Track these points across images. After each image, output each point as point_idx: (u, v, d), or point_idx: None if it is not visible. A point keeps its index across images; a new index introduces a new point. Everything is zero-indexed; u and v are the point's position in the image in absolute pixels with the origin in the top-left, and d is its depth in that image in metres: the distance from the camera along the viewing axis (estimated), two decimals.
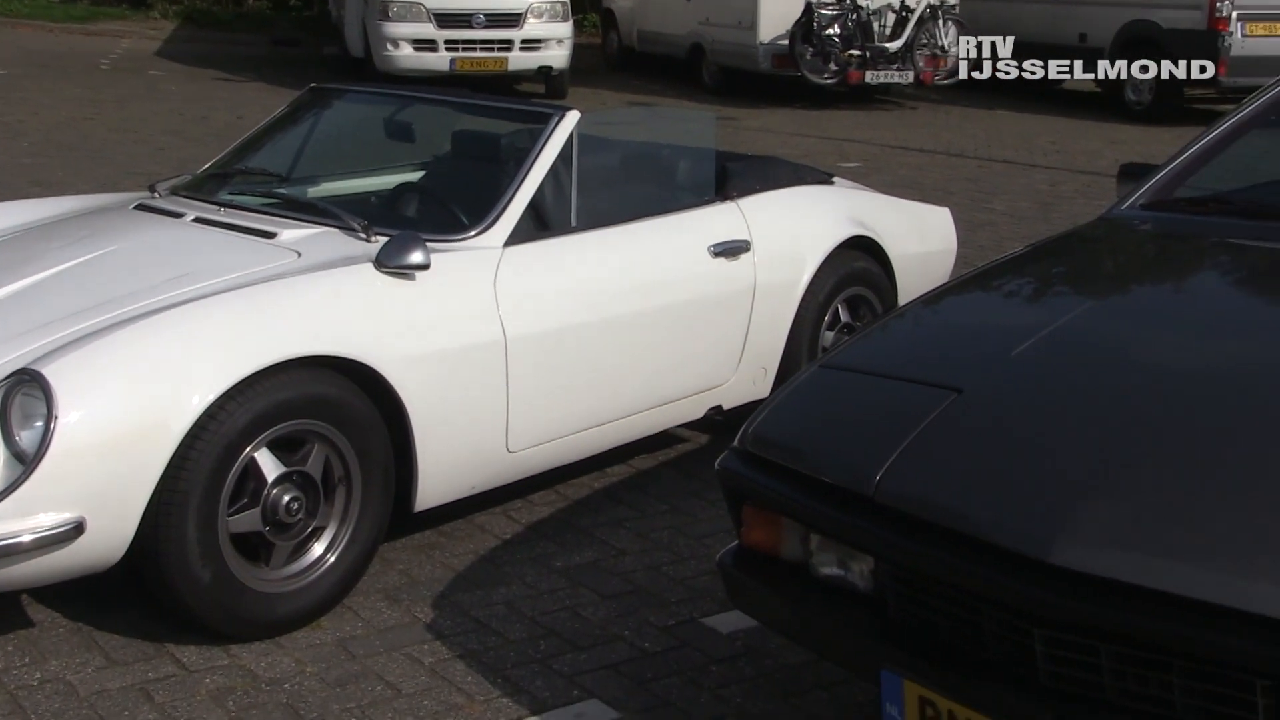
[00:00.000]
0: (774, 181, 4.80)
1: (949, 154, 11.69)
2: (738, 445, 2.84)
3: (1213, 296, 3.32)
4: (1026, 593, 2.20)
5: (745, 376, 4.55)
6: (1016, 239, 7.64)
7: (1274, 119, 4.21)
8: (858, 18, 14.03)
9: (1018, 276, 3.50)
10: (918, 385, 2.78)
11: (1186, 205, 3.78)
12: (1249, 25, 13.21)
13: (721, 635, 3.45)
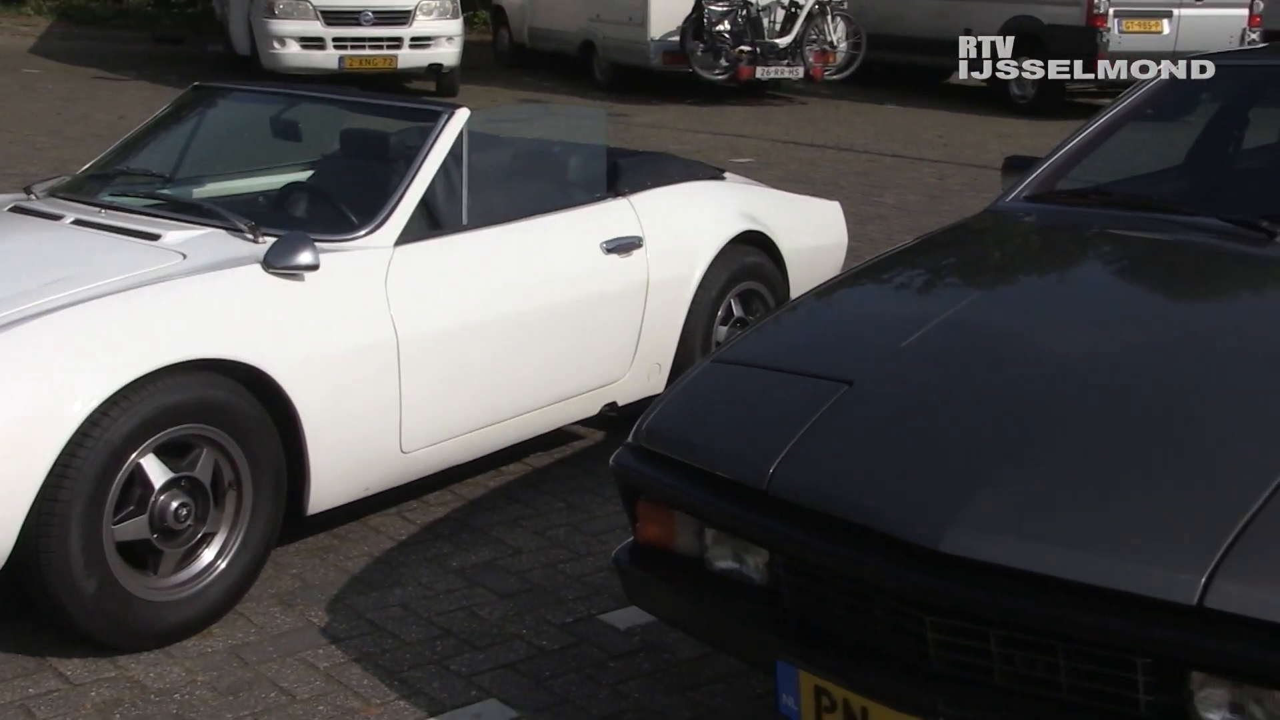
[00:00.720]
0: (665, 177, 4.81)
1: (839, 148, 11.81)
2: (632, 441, 2.84)
3: (1095, 286, 3.39)
4: (917, 581, 2.23)
5: (639, 372, 4.56)
6: (906, 232, 7.73)
7: (1149, 113, 4.32)
8: (748, 14, 14.12)
9: (906, 269, 3.54)
10: (809, 378, 2.81)
11: (1068, 197, 3.87)
12: (1125, 21, 13.54)
13: (619, 631, 3.45)
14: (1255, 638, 2.00)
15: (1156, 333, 2.97)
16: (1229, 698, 2.05)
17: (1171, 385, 2.64)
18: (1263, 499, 2.17)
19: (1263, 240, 3.28)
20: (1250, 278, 3.33)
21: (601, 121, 5.28)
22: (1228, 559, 2.08)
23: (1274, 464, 2.24)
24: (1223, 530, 2.12)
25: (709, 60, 14.20)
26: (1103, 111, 4.18)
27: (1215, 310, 3.21)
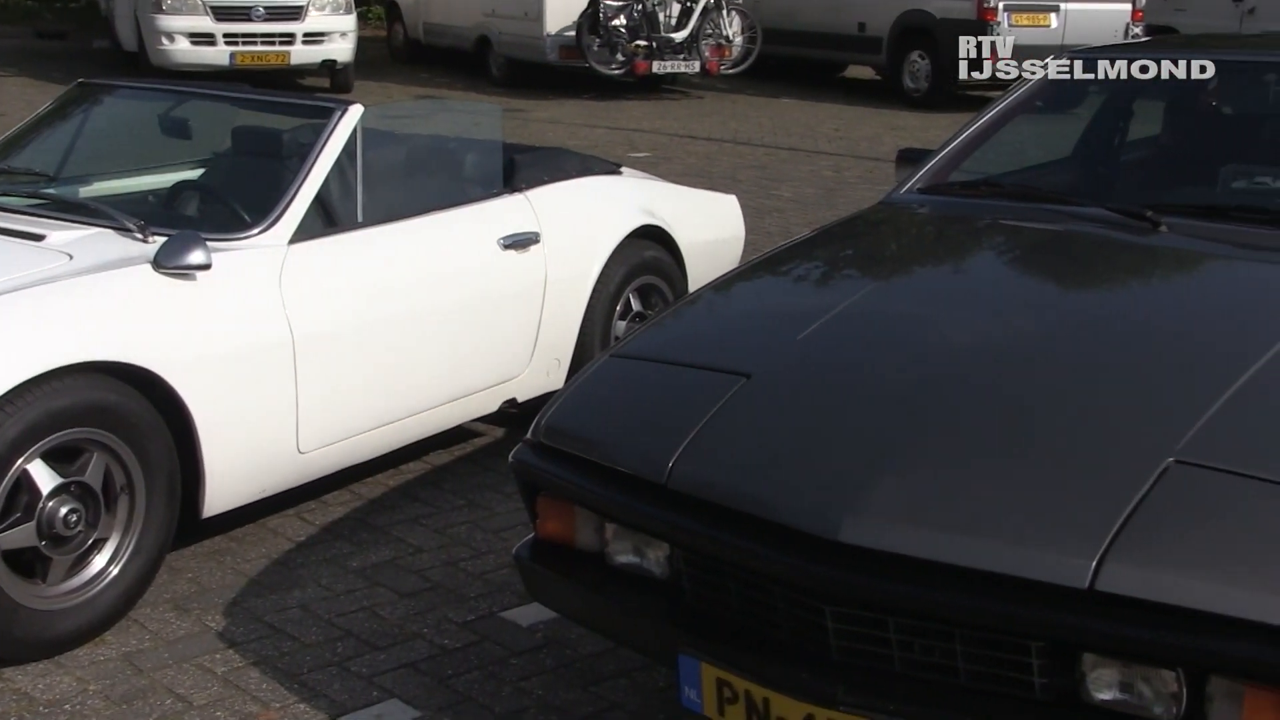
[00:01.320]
0: (562, 173, 4.80)
1: (736, 142, 11.87)
2: (531, 437, 2.83)
3: (988, 276, 3.45)
4: (817, 572, 2.25)
5: (539, 368, 4.55)
6: (803, 224, 7.80)
7: (1038, 105, 4.40)
8: (643, 9, 14.12)
9: (803, 261, 3.57)
10: (707, 372, 2.82)
11: (961, 189, 3.92)
12: (1015, 15, 13.75)
13: (521, 628, 3.44)
14: (1144, 619, 2.04)
15: (1048, 321, 3.02)
16: (1119, 677, 2.10)
17: (1063, 372, 2.69)
18: (1151, 482, 2.22)
19: (1147, 230, 3.36)
20: (1137, 266, 3.40)
21: (497, 117, 5.26)
22: (1118, 542, 2.12)
23: (1162, 447, 2.29)
24: (1113, 514, 2.17)
25: (605, 55, 14.19)
26: (993, 104, 4.24)
27: (1104, 298, 3.28)
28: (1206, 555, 2.09)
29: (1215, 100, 4.48)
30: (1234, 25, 13.82)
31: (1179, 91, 4.55)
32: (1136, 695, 2.09)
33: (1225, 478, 2.24)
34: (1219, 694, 2.02)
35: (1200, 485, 2.23)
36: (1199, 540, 2.12)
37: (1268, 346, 2.61)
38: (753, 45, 14.92)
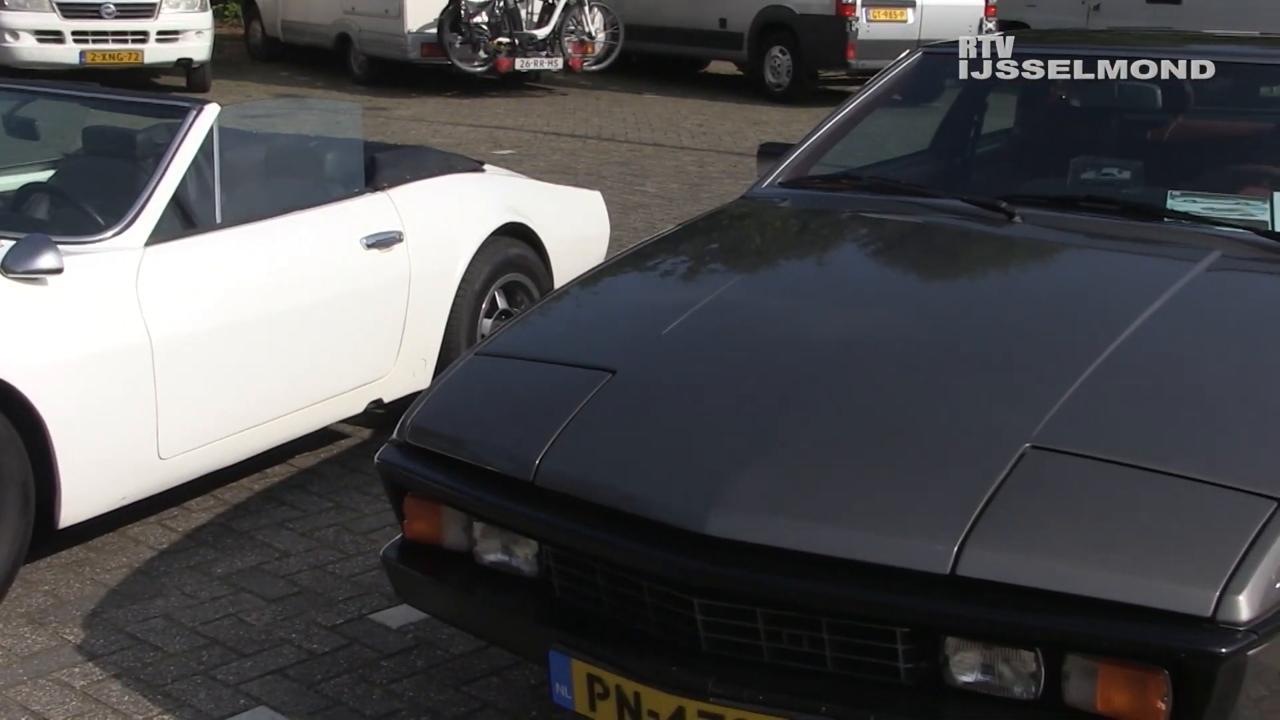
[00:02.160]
0: (424, 171, 4.76)
1: (600, 138, 11.88)
2: (397, 438, 2.81)
3: (849, 268, 3.50)
4: (684, 565, 2.26)
5: (405, 368, 4.50)
6: (668, 220, 7.82)
7: (896, 99, 4.47)
8: (505, 5, 14.05)
9: (667, 256, 3.59)
10: (573, 368, 2.82)
11: (821, 182, 3.97)
12: (873, 11, 13.94)
13: (391, 630, 3.41)
14: (1003, 602, 2.10)
15: (908, 311, 3.08)
16: (981, 659, 2.15)
17: (923, 361, 2.74)
18: (1008, 468, 2.28)
19: (1002, 221, 3.43)
20: (993, 256, 3.48)
21: (357, 115, 5.20)
22: (977, 528, 2.17)
23: (1019, 433, 2.35)
24: (972, 501, 2.22)
25: (468, 52, 14.10)
26: (852, 98, 4.30)
27: (962, 288, 3.35)
28: (1062, 538, 2.15)
29: (1065, 94, 4.60)
30: (1081, 21, 14.18)
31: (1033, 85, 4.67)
32: (997, 676, 2.14)
33: (1079, 461, 2.30)
34: (1075, 671, 2.08)
35: (1055, 470, 2.29)
36: (1054, 523, 2.18)
37: (1118, 332, 2.69)
38: (615, 42, 14.95)
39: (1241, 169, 3.80)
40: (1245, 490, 2.18)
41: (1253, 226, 3.26)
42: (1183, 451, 2.34)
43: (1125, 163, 3.86)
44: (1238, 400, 2.55)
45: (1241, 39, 5.03)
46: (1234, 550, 2.06)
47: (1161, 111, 4.26)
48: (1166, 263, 3.18)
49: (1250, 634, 1.98)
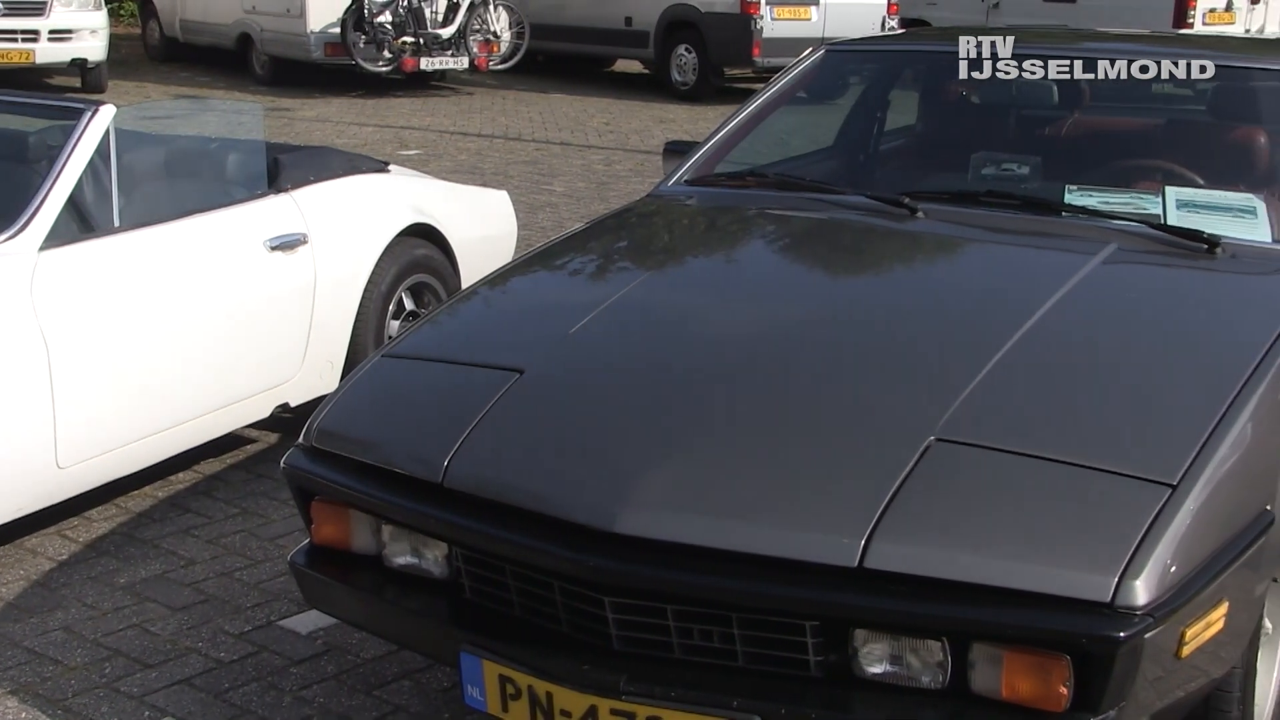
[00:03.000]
0: (328, 172, 4.71)
1: (507, 138, 11.84)
2: (303, 442, 2.78)
3: (756, 265, 3.51)
4: (594, 564, 2.26)
5: (311, 371, 4.46)
6: (576, 219, 7.82)
7: (799, 97, 4.50)
8: (409, 5, 13.95)
9: (574, 255, 3.58)
10: (481, 369, 2.81)
11: (727, 180, 3.99)
12: (777, 9, 14.04)
13: (301, 636, 3.37)
14: (910, 593, 2.12)
15: (814, 307, 3.11)
16: (889, 650, 2.17)
17: (829, 356, 2.77)
18: (913, 461, 2.30)
19: (905, 216, 3.47)
20: (897, 251, 3.51)
21: (259, 116, 5.14)
22: (884, 521, 2.19)
23: (924, 426, 2.38)
24: (878, 494, 2.24)
25: (372, 52, 13.97)
26: (756, 96, 4.32)
27: (867, 283, 3.38)
28: (966, 529, 2.18)
29: (966, 90, 4.67)
30: (981, 19, 14.38)
31: (933, 82, 4.73)
32: (906, 666, 2.17)
33: (982, 453, 2.33)
34: (981, 659, 2.11)
35: (959, 462, 2.32)
36: (959, 515, 2.21)
37: (1019, 325, 2.74)
38: (521, 41, 14.90)
39: (1135, 164, 3.88)
40: (1141, 478, 2.23)
41: (1146, 220, 3.33)
42: (1082, 441, 2.38)
43: (1024, 158, 3.92)
44: (1134, 389, 2.61)
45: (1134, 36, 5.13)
46: (1131, 537, 2.10)
47: (1058, 108, 4.34)
48: (1065, 256, 3.23)
49: (1147, 618, 2.03)
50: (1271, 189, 3.54)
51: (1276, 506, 2.44)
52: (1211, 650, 2.24)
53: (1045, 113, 4.39)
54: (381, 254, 4.68)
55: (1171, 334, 2.91)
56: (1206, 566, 2.18)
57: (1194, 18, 13.45)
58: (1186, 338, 2.89)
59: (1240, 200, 3.45)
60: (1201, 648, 2.19)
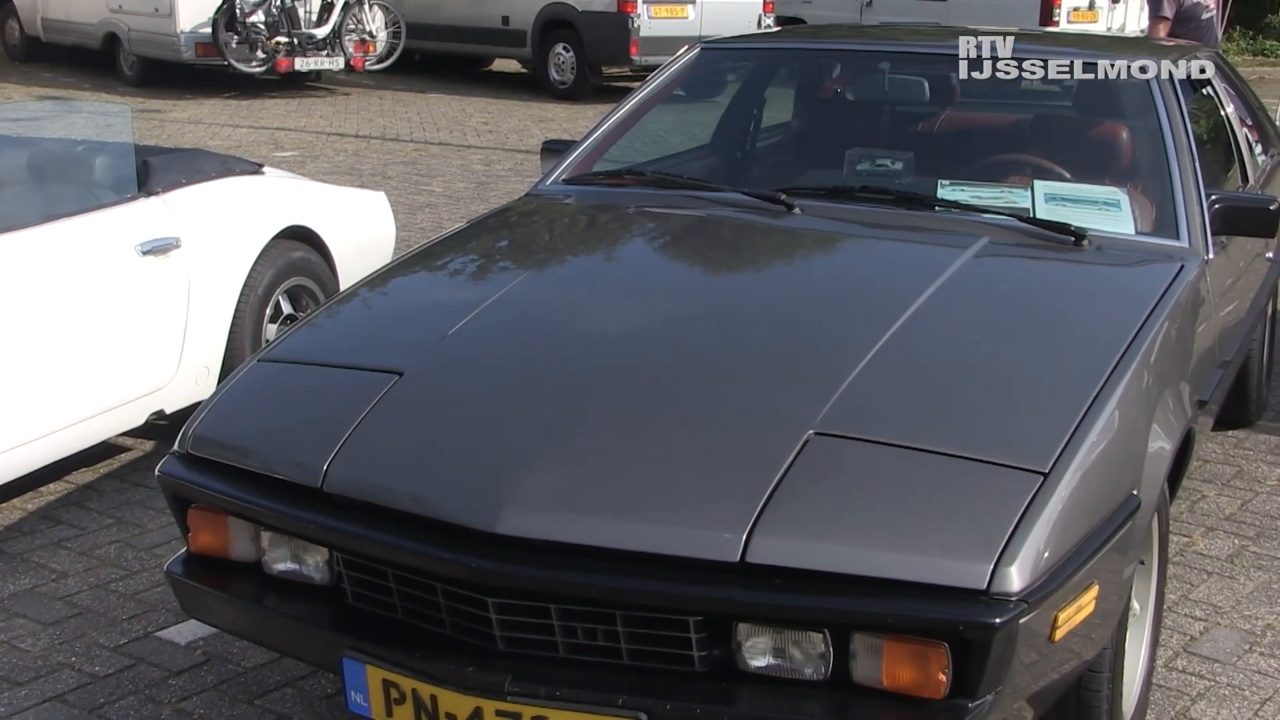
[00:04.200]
0: (200, 174, 4.62)
1: (385, 138, 11.73)
2: (178, 449, 2.73)
3: (635, 263, 3.52)
4: (477, 565, 2.24)
5: (187, 377, 4.37)
6: (455, 219, 7.78)
7: (677, 95, 4.53)
8: (282, 4, 13.75)
9: (453, 255, 3.57)
10: (359, 371, 2.78)
11: (605, 178, 4.00)
12: (654, 8, 14.10)
13: (180, 647, 3.31)
14: (792, 587, 2.14)
15: (693, 304, 3.12)
16: (772, 644, 2.19)
17: (709, 353, 2.78)
18: (793, 455, 2.32)
19: (782, 212, 3.51)
20: (774, 248, 3.55)
21: (128, 118, 5.01)
22: (764, 515, 2.21)
23: (802, 421, 2.40)
24: (759, 489, 2.26)
25: (245, 52, 13.75)
26: (632, 95, 4.33)
27: (745, 279, 3.41)
28: (845, 521, 2.21)
29: (840, 88, 4.73)
30: (855, 16, 14.58)
31: (808, 79, 4.79)
32: (788, 659, 2.19)
33: (860, 446, 2.37)
34: (862, 650, 2.14)
35: (838, 455, 2.35)
36: (838, 507, 2.24)
37: (894, 319, 2.78)
38: (397, 40, 14.78)
39: (1005, 159, 3.96)
40: (1014, 466, 2.27)
41: (1016, 213, 3.41)
42: (956, 431, 2.42)
43: (898, 154, 3.99)
44: (1006, 380, 2.67)
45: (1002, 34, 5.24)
46: (1005, 525, 2.15)
47: (930, 104, 4.42)
48: (938, 250, 3.29)
49: (1021, 603, 2.07)
50: (1134, 182, 3.65)
51: (1142, 490, 2.51)
52: (1083, 633, 2.29)
53: (918, 109, 4.47)
54: (257, 257, 4.60)
55: (1042, 325, 2.98)
56: (1077, 551, 2.23)
57: (1060, 16, 13.75)
58: (1056, 328, 2.96)
59: (1105, 194, 3.54)
60: (1074, 631, 2.24)
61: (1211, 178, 3.75)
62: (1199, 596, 3.65)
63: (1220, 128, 4.39)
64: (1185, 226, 3.38)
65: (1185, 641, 3.42)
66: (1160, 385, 2.80)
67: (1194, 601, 3.63)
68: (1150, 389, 2.72)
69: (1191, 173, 3.51)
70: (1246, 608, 3.60)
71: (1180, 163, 3.53)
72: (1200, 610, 3.58)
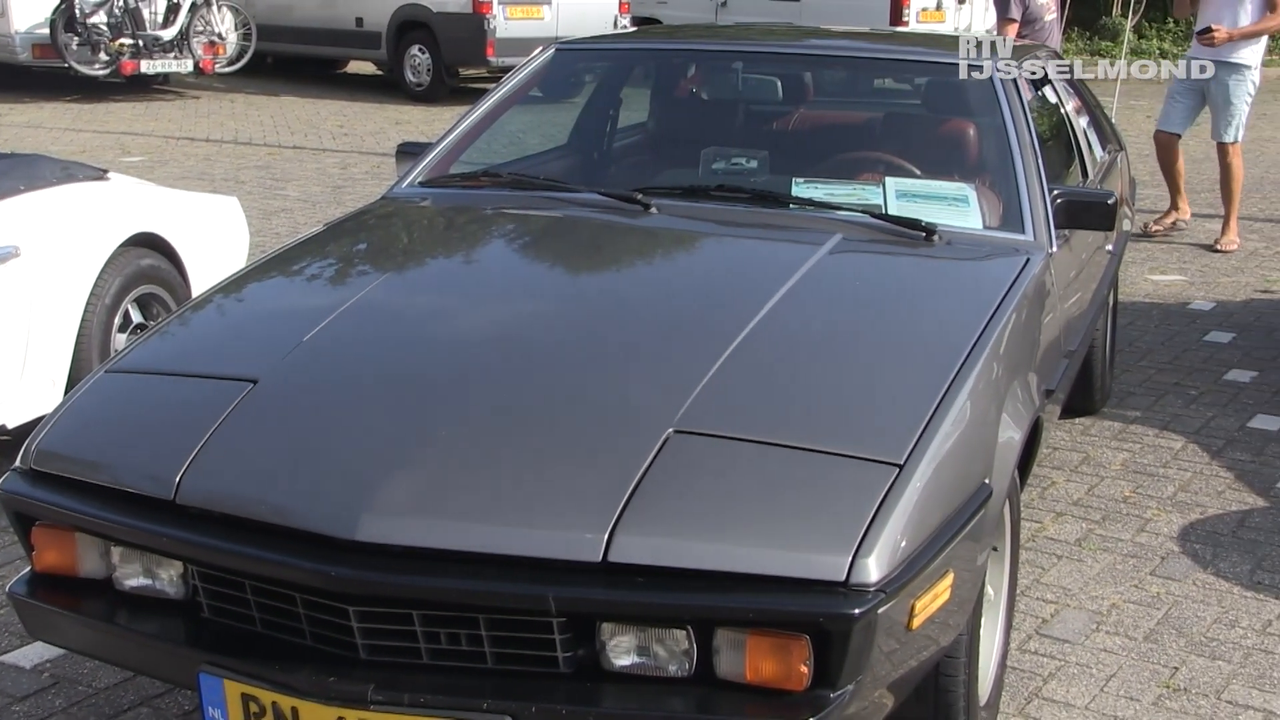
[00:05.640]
0: (40, 180, 4.48)
1: (237, 142, 11.51)
2: (20, 465, 2.64)
3: (493, 264, 3.51)
4: (338, 574, 2.21)
5: (30, 390, 4.23)
6: (311, 224, 7.65)
7: (534, 96, 4.52)
8: (125, 5, 13.39)
9: (308, 260, 3.51)
10: (212, 380, 2.72)
11: (462, 180, 3.97)
12: (510, 9, 14.05)
13: (25, 670, 3.19)
14: (655, 585, 2.14)
15: (552, 305, 3.12)
16: (636, 643, 2.19)
17: (568, 354, 2.78)
18: (653, 454, 2.33)
19: (639, 212, 3.52)
20: (632, 247, 3.56)
21: None
22: (626, 514, 2.21)
23: (662, 419, 2.41)
24: (620, 488, 2.26)
25: (87, 54, 13.33)
26: (487, 96, 4.31)
27: (603, 280, 3.41)
28: (705, 518, 2.22)
29: (695, 87, 4.76)
30: (710, 16, 14.71)
31: (663, 79, 4.82)
32: (653, 656, 2.19)
33: (719, 442, 2.38)
34: (724, 645, 2.15)
35: (697, 452, 2.36)
36: (698, 504, 2.25)
37: (751, 316, 2.81)
38: (248, 42, 14.50)
39: (857, 156, 4.02)
40: (870, 459, 2.31)
41: (869, 210, 3.46)
42: (813, 426, 2.46)
43: (752, 152, 4.03)
44: (861, 374, 2.71)
45: (855, 34, 5.33)
46: (862, 517, 2.18)
47: (784, 103, 4.48)
48: (793, 247, 3.32)
49: (880, 593, 2.10)
50: (981, 178, 3.73)
51: (994, 479, 2.57)
52: (940, 620, 2.34)
53: (772, 108, 4.52)
54: (104, 266, 4.48)
55: (895, 319, 3.03)
56: (933, 540, 2.27)
57: (909, 16, 14.03)
58: (909, 322, 3.02)
59: (954, 190, 3.62)
60: (931, 618, 2.28)
61: (1054, 173, 3.86)
62: (1050, 580, 3.75)
63: (1061, 125, 4.52)
64: (1030, 221, 3.46)
65: (1037, 624, 3.51)
66: (1009, 376, 2.87)
67: (1045, 585, 3.72)
68: (1000, 380, 2.79)
69: (1035, 168, 3.59)
70: (1094, 589, 3.71)
71: (1024, 159, 3.62)
72: (1051, 593, 3.68)
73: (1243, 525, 4.11)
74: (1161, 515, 4.18)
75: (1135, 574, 3.79)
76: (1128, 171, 5.51)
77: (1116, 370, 5.44)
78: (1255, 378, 5.54)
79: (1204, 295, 6.85)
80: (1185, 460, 4.65)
